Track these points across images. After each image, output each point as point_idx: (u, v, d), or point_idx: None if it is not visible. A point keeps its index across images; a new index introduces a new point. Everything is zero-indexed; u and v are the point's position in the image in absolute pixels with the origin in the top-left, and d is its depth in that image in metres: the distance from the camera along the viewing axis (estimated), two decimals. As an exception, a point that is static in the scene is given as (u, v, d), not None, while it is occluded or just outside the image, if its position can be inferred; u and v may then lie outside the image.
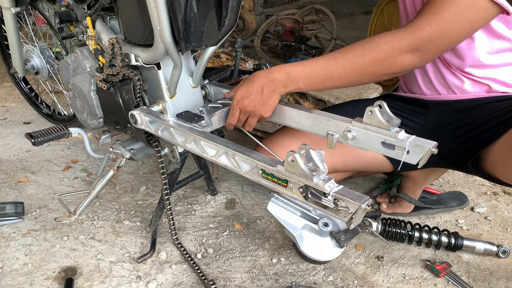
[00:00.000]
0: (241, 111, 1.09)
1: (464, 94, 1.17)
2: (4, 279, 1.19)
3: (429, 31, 0.94)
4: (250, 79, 1.08)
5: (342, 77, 1.01)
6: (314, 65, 1.03)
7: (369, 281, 1.23)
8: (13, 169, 1.71)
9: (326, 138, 1.02)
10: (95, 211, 1.47)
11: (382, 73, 1.01)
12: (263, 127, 2.10)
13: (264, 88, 1.05)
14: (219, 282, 1.21)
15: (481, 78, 1.14)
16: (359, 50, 1.00)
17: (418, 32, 0.95)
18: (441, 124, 1.23)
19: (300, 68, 1.04)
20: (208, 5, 1.00)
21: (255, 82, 1.06)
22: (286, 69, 1.04)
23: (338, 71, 1.01)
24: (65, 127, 1.17)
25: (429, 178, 1.48)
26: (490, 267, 1.29)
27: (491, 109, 1.14)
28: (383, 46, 0.97)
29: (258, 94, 1.06)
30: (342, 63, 1.00)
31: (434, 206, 1.50)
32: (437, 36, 0.95)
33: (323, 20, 3.14)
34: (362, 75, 1.01)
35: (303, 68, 1.03)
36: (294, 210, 1.25)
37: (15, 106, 2.28)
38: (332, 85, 1.04)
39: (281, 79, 1.04)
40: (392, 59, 0.98)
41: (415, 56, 0.97)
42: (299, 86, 1.05)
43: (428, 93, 1.24)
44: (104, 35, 1.18)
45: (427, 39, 0.95)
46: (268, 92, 1.06)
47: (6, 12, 1.65)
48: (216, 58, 3.16)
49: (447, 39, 0.96)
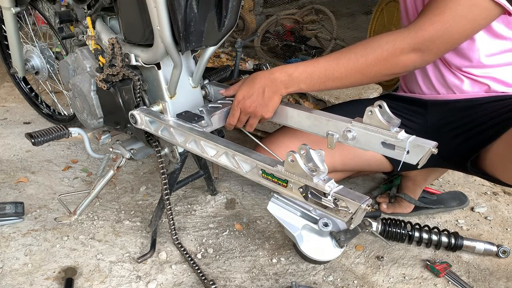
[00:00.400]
0: (242, 111, 1.09)
1: (463, 94, 1.17)
2: (4, 279, 1.19)
3: (431, 32, 0.94)
4: (251, 80, 1.08)
5: (344, 78, 1.01)
6: (316, 65, 1.02)
7: (369, 281, 1.23)
8: (13, 169, 1.71)
9: (326, 138, 1.02)
10: (95, 211, 1.47)
11: (384, 73, 1.01)
12: (263, 127, 2.10)
13: (266, 89, 1.05)
14: (219, 282, 1.21)
15: (480, 77, 1.14)
16: (361, 50, 0.99)
17: (420, 32, 0.95)
18: (440, 124, 1.23)
19: (302, 68, 1.03)
20: (208, 5, 1.00)
21: (256, 82, 1.06)
22: (287, 70, 1.04)
23: (340, 72, 1.01)
24: (65, 127, 1.17)
25: (429, 178, 1.48)
26: (490, 267, 1.29)
27: (490, 109, 1.14)
28: (385, 46, 0.97)
29: (259, 95, 1.06)
30: (343, 64, 1.00)
31: (434, 206, 1.50)
32: (439, 36, 0.95)
33: (323, 20, 3.14)
34: (364, 75, 1.01)
35: (305, 68, 1.03)
36: (294, 210, 1.25)
37: (15, 106, 2.28)
38: (333, 85, 1.04)
39: (283, 80, 1.04)
40: (394, 59, 0.97)
41: (417, 56, 0.97)
42: (300, 87, 1.05)
43: (427, 93, 1.24)
44: (104, 35, 1.18)
45: (429, 40, 0.95)
46: (269, 93, 1.05)
47: (6, 12, 1.65)
48: (216, 58, 3.16)
49: (449, 39, 0.96)
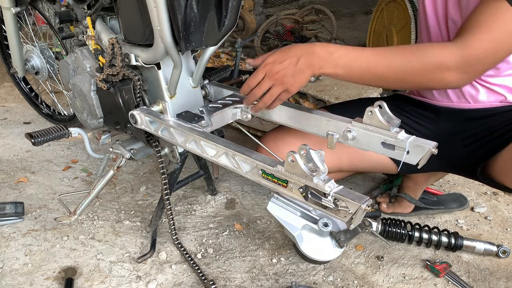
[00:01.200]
0: (267, 75, 0.98)
1: (478, 104, 1.14)
2: (4, 279, 1.19)
3: (479, 51, 0.91)
4: (287, 47, 0.99)
5: (383, 77, 0.96)
6: (359, 53, 0.95)
7: (369, 281, 1.23)
8: (13, 169, 1.71)
9: (326, 138, 1.01)
10: (95, 211, 1.47)
11: (424, 85, 0.98)
12: (263, 127, 2.10)
13: (301, 59, 0.95)
14: (219, 282, 1.21)
15: (497, 86, 1.11)
16: (408, 55, 0.95)
17: (468, 51, 0.91)
18: (453, 132, 1.20)
19: (344, 51, 0.95)
20: (208, 5, 1.00)
21: (292, 50, 0.97)
22: (329, 48, 0.96)
23: (381, 69, 0.95)
24: (65, 127, 1.17)
25: (430, 179, 1.47)
26: (490, 267, 1.29)
27: (504, 118, 1.11)
28: (433, 59, 0.93)
29: (292, 63, 0.96)
30: (387, 62, 0.95)
31: (434, 207, 1.50)
32: (486, 56, 0.91)
33: (323, 20, 3.15)
34: (404, 81, 0.97)
35: (347, 52, 0.95)
36: (294, 210, 1.25)
37: (15, 106, 2.28)
38: (370, 81, 0.98)
39: (321, 55, 0.95)
40: (439, 75, 0.94)
41: (460, 76, 0.94)
42: (336, 71, 0.96)
43: (439, 99, 1.21)
44: (104, 35, 1.18)
45: (476, 59, 0.92)
46: (303, 65, 0.96)
47: (6, 12, 1.65)
48: (216, 58, 3.16)
49: (494, 58, 0.94)
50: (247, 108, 1.13)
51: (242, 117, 1.16)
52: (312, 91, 2.35)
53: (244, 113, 1.15)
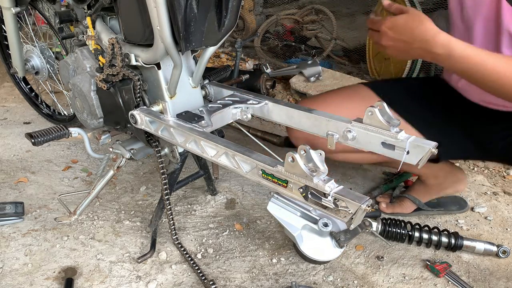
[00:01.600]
0: (383, 33, 1.00)
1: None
2: (4, 279, 1.19)
3: None
4: (415, 28, 0.95)
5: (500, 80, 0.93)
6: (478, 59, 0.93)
7: (369, 281, 1.23)
8: (13, 169, 1.71)
9: (326, 138, 1.02)
10: (95, 211, 1.47)
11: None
12: (263, 127, 2.10)
13: (416, 48, 0.96)
14: (219, 282, 1.21)
15: None
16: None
17: None
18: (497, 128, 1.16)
19: (462, 48, 0.92)
20: (208, 5, 1.00)
21: (415, 34, 0.95)
22: (450, 45, 0.93)
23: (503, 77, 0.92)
24: (65, 127, 1.17)
25: (444, 189, 1.46)
26: (490, 267, 1.29)
27: None
28: None
29: (406, 43, 0.96)
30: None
31: (435, 209, 1.50)
32: None
33: (323, 20, 3.14)
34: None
35: (466, 56, 0.93)
36: (294, 210, 1.25)
37: (15, 106, 2.28)
38: (484, 84, 0.96)
39: (440, 58, 0.95)
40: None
41: None
42: (453, 69, 0.95)
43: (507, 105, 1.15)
44: (104, 35, 1.18)
45: None
46: (414, 53, 0.97)
47: (6, 12, 1.65)
48: (216, 58, 3.16)
49: None
50: (247, 108, 1.14)
51: (242, 117, 1.16)
52: (312, 91, 2.35)
53: (244, 113, 1.15)
